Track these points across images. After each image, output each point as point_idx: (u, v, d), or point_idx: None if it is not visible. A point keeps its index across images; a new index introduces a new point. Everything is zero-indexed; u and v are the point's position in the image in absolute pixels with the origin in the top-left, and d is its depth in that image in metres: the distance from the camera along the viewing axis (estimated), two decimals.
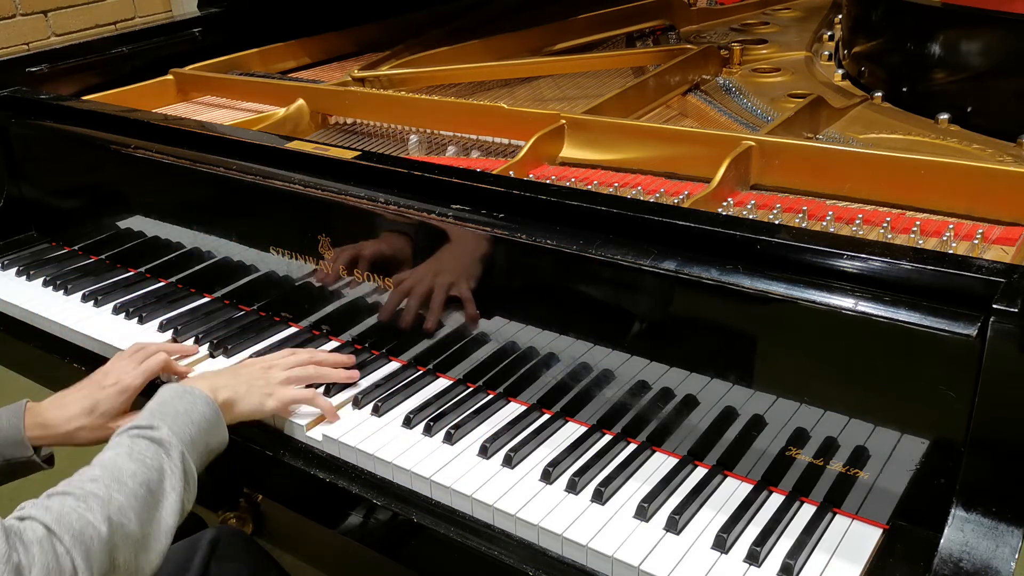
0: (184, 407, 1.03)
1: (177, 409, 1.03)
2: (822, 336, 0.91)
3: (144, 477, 0.93)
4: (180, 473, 0.96)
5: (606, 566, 0.93)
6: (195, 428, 1.02)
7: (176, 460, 0.97)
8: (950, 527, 0.84)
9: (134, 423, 1.00)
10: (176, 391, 1.06)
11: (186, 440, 1.00)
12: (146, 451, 0.96)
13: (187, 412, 1.03)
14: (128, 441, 0.97)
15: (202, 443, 1.03)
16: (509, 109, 1.44)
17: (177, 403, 1.04)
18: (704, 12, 2.15)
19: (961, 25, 1.38)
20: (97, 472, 0.92)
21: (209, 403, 1.06)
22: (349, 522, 1.10)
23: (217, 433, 1.06)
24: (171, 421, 1.00)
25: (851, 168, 1.18)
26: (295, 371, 1.18)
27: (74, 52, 1.81)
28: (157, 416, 1.01)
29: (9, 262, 1.64)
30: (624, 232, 1.03)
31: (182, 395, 1.05)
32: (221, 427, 1.07)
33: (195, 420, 1.03)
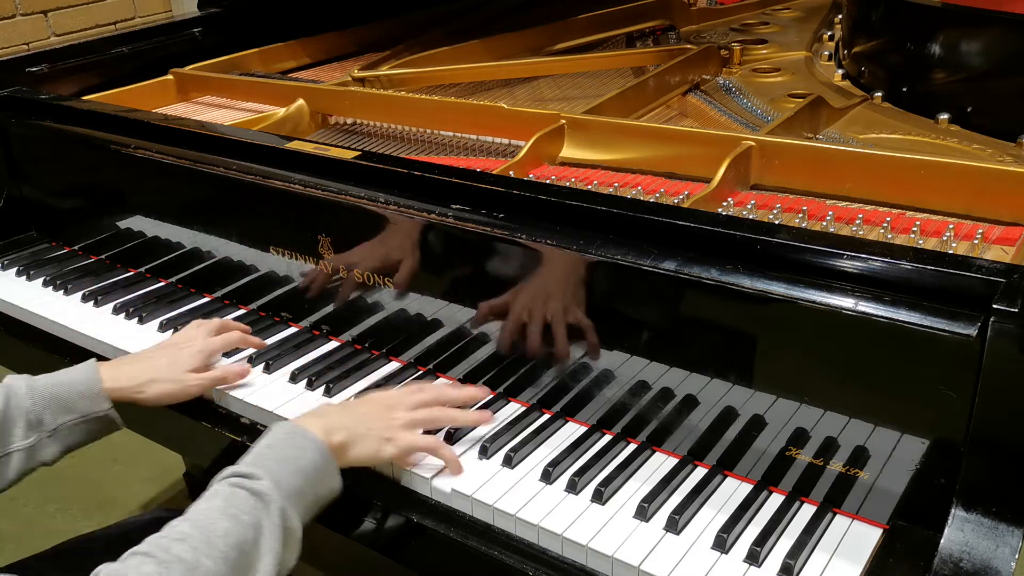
0: (292, 453, 0.95)
1: (285, 455, 0.94)
2: (822, 336, 0.91)
3: (238, 537, 0.84)
4: (279, 532, 0.88)
5: (606, 566, 0.93)
6: (302, 478, 0.93)
7: (275, 516, 0.88)
8: (950, 527, 0.84)
9: (235, 469, 0.91)
10: (287, 433, 0.97)
11: (291, 493, 0.91)
12: (243, 505, 0.87)
13: (295, 459, 0.94)
14: (226, 491, 0.89)
15: (310, 494, 0.94)
16: (509, 109, 1.44)
17: (285, 447, 0.95)
18: (704, 12, 2.15)
19: (961, 25, 1.38)
20: (187, 529, 0.84)
21: (321, 449, 0.96)
22: (348, 522, 1.10)
23: (328, 482, 0.97)
24: (275, 469, 0.91)
25: (851, 168, 1.18)
26: (420, 414, 1.07)
27: (74, 52, 1.81)
28: (261, 462, 0.92)
29: (9, 262, 1.64)
30: (624, 232, 1.03)
31: (291, 437, 0.96)
32: (333, 475, 0.98)
33: (303, 468, 0.94)
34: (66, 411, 1.09)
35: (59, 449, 1.10)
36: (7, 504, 2.32)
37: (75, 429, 1.10)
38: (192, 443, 1.32)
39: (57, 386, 1.10)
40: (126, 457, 2.48)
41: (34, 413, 1.07)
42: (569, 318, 1.08)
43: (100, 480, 2.43)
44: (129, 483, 2.41)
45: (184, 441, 1.37)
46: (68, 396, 1.09)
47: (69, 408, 1.09)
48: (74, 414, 1.10)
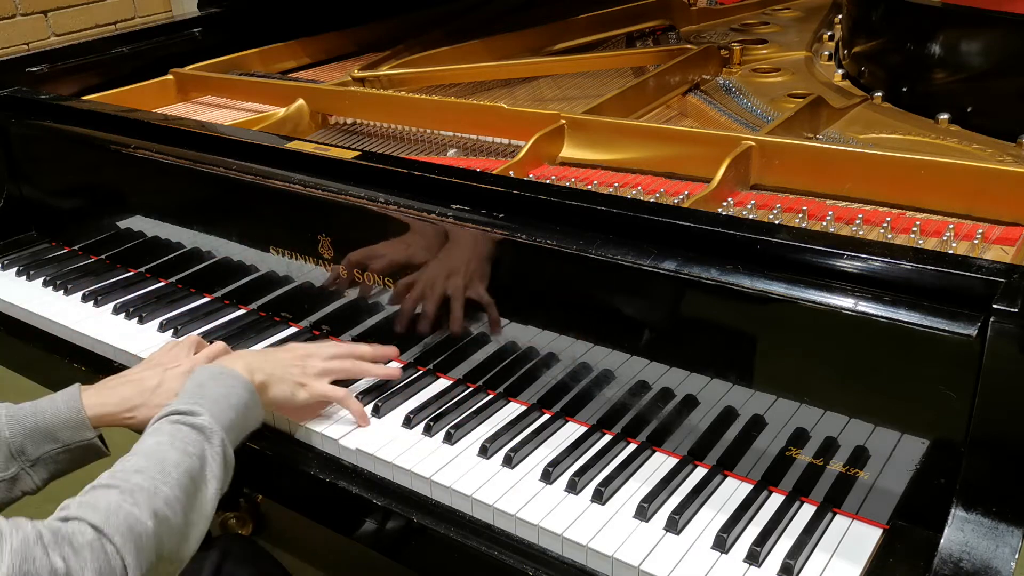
0: (223, 390, 1.02)
1: (216, 392, 1.01)
2: (822, 336, 0.91)
3: (187, 466, 0.92)
4: (220, 460, 0.96)
5: (606, 566, 0.93)
6: (234, 413, 1.01)
7: (217, 447, 0.96)
8: (950, 527, 0.84)
9: (174, 407, 0.98)
10: (213, 372, 1.05)
11: (226, 425, 0.99)
12: (188, 438, 0.94)
13: (226, 396, 1.02)
14: (169, 428, 0.95)
15: (239, 427, 1.02)
16: (509, 109, 1.44)
17: (216, 386, 1.02)
18: (704, 12, 2.15)
19: (961, 25, 1.38)
20: (142, 462, 0.90)
21: (247, 386, 1.05)
22: (348, 522, 1.10)
23: (253, 415, 1.05)
24: (211, 405, 0.99)
25: (851, 168, 1.18)
26: (333, 363, 1.16)
27: (74, 52, 1.81)
28: (197, 400, 0.99)
29: (9, 262, 1.64)
30: (624, 232, 1.03)
31: (219, 377, 1.04)
32: (257, 409, 1.06)
33: (234, 404, 1.02)
34: (49, 440, 1.06)
35: (43, 478, 1.07)
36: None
37: (59, 458, 1.07)
38: None
39: (38, 415, 1.06)
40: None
41: (15, 443, 1.05)
42: (568, 317, 1.08)
43: None
44: None
45: None
46: (50, 425, 1.06)
47: (52, 437, 1.06)
48: (57, 443, 1.06)
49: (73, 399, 1.08)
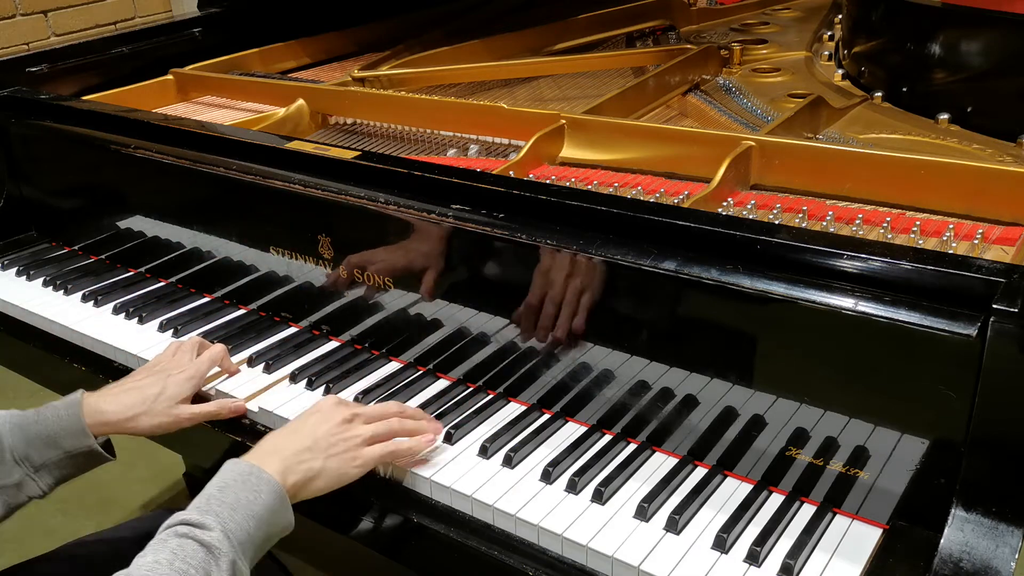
0: (246, 497, 0.91)
1: (237, 500, 0.90)
2: (822, 336, 0.91)
3: None
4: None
5: (606, 566, 0.93)
6: (255, 523, 0.90)
7: (225, 569, 0.85)
8: (950, 527, 0.84)
9: (186, 516, 0.88)
10: (242, 474, 0.93)
11: (242, 539, 0.88)
12: (192, 558, 0.84)
13: (249, 504, 0.90)
14: (175, 543, 0.85)
15: (261, 536, 0.91)
16: (509, 109, 1.44)
17: (239, 490, 0.91)
18: (704, 12, 2.15)
19: (961, 25, 1.38)
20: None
21: (276, 491, 0.93)
22: (348, 522, 1.10)
23: (280, 521, 0.94)
24: (227, 516, 0.88)
25: (851, 168, 1.18)
26: (379, 427, 1.05)
27: (74, 52, 1.81)
28: (214, 509, 0.89)
29: (9, 262, 1.64)
30: (624, 232, 1.03)
31: (246, 479, 0.92)
32: (286, 514, 0.95)
33: (256, 513, 0.90)
34: (51, 448, 1.07)
35: (48, 484, 1.08)
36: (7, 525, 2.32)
37: (63, 464, 1.08)
38: (192, 443, 1.32)
39: (40, 423, 1.07)
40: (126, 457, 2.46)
41: (18, 450, 1.05)
42: (568, 317, 1.08)
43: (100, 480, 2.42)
44: (129, 483, 2.41)
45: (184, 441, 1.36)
46: (52, 433, 1.07)
47: (54, 445, 1.07)
48: (59, 450, 1.07)
49: (74, 407, 1.09)
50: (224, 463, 0.95)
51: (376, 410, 1.08)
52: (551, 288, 1.08)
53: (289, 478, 0.96)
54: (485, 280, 1.14)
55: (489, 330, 1.16)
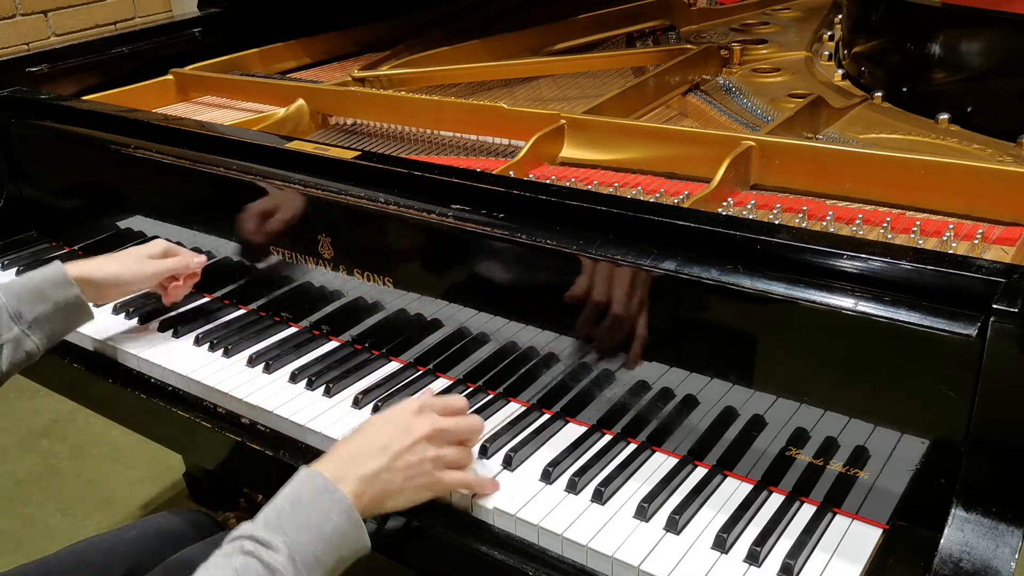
0: (317, 517, 0.88)
1: (308, 520, 0.88)
2: (822, 336, 0.91)
3: None
4: None
5: (606, 566, 0.93)
6: (323, 545, 0.87)
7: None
8: (950, 527, 0.84)
9: (253, 531, 0.86)
10: (315, 490, 0.90)
11: (308, 562, 0.85)
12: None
13: (319, 525, 0.88)
14: (239, 562, 0.84)
15: (331, 559, 0.88)
16: (509, 109, 1.44)
17: (310, 509, 0.88)
18: (704, 12, 2.15)
19: (961, 25, 1.38)
20: None
21: (348, 514, 0.90)
22: None
23: (353, 544, 0.90)
24: (295, 536, 0.86)
25: (851, 168, 1.18)
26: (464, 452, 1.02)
27: (74, 52, 1.81)
28: (281, 526, 0.86)
29: (9, 262, 1.64)
30: (624, 232, 1.03)
31: (319, 497, 0.90)
32: (360, 537, 0.91)
33: (326, 535, 0.87)
34: (40, 301, 1.21)
35: (40, 340, 1.21)
36: (7, 504, 2.32)
37: (51, 317, 1.22)
38: (192, 443, 1.32)
39: (28, 280, 1.22)
40: (126, 457, 2.48)
41: (12, 307, 1.18)
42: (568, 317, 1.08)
43: (100, 480, 2.43)
44: (129, 483, 2.41)
45: (184, 441, 1.37)
46: (40, 287, 1.21)
47: (43, 298, 1.21)
48: (47, 303, 1.21)
49: (55, 265, 1.25)
50: (300, 469, 0.93)
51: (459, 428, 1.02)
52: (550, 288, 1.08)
53: (364, 498, 0.92)
54: (485, 280, 1.14)
55: (489, 330, 1.16)
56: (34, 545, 1.20)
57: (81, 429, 2.61)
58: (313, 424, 1.15)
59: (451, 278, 1.18)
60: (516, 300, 1.13)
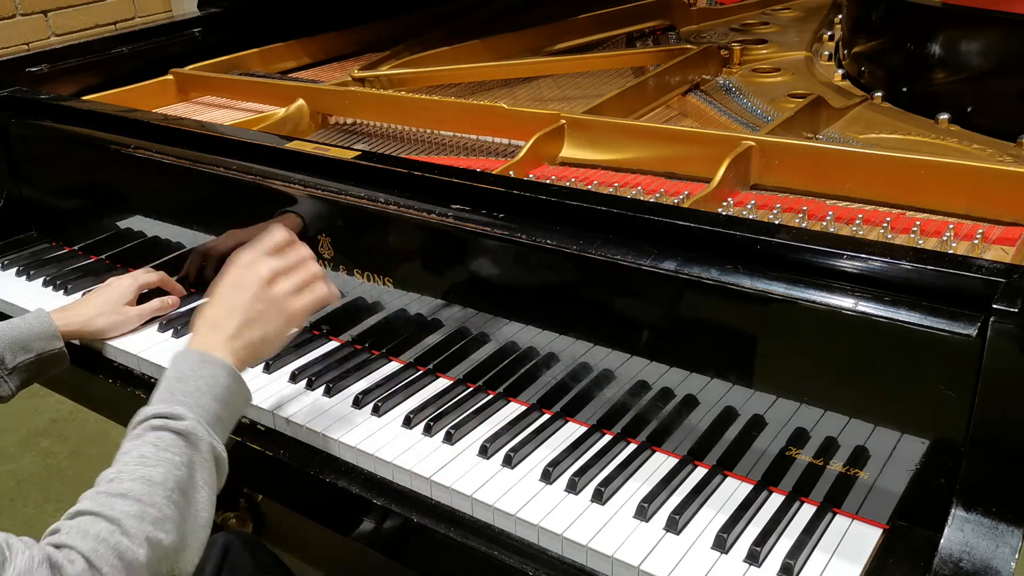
0: (205, 383, 0.97)
1: (198, 387, 0.96)
2: (822, 336, 0.91)
3: (175, 480, 0.88)
4: (211, 464, 0.92)
5: (606, 566, 0.93)
6: (220, 404, 0.96)
7: (205, 451, 0.92)
8: (950, 527, 0.84)
9: (156, 410, 0.93)
10: (194, 363, 0.98)
11: (212, 421, 0.94)
12: (173, 447, 0.90)
13: (210, 389, 0.96)
14: (153, 437, 0.90)
15: (227, 418, 0.98)
16: (509, 109, 1.44)
17: (196, 378, 0.97)
18: (704, 12, 2.15)
19: (961, 25, 1.38)
20: (126, 485, 0.86)
21: (231, 372, 0.99)
22: (348, 522, 1.10)
23: (240, 399, 1.01)
24: (194, 404, 0.94)
25: (851, 168, 1.18)
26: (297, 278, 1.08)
27: (74, 52, 1.81)
28: (178, 399, 0.94)
29: (9, 262, 1.64)
30: (624, 232, 1.03)
31: (201, 366, 0.98)
32: (244, 390, 1.02)
33: (218, 395, 0.97)
34: (24, 351, 1.23)
35: (16, 385, 1.23)
36: (7, 504, 2.32)
37: (31, 367, 1.24)
38: None
39: (14, 330, 1.24)
40: None
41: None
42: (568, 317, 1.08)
43: None
44: None
45: None
46: (26, 338, 1.24)
47: (26, 348, 1.23)
48: (30, 353, 1.24)
49: (43, 316, 1.28)
50: (172, 357, 1.01)
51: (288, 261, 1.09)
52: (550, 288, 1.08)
53: (238, 354, 1.02)
54: (485, 280, 1.14)
55: (489, 330, 1.16)
56: None
57: (81, 429, 2.61)
58: (313, 424, 1.15)
59: (451, 278, 1.18)
60: (516, 300, 1.13)
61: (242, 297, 1.05)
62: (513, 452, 1.06)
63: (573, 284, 1.07)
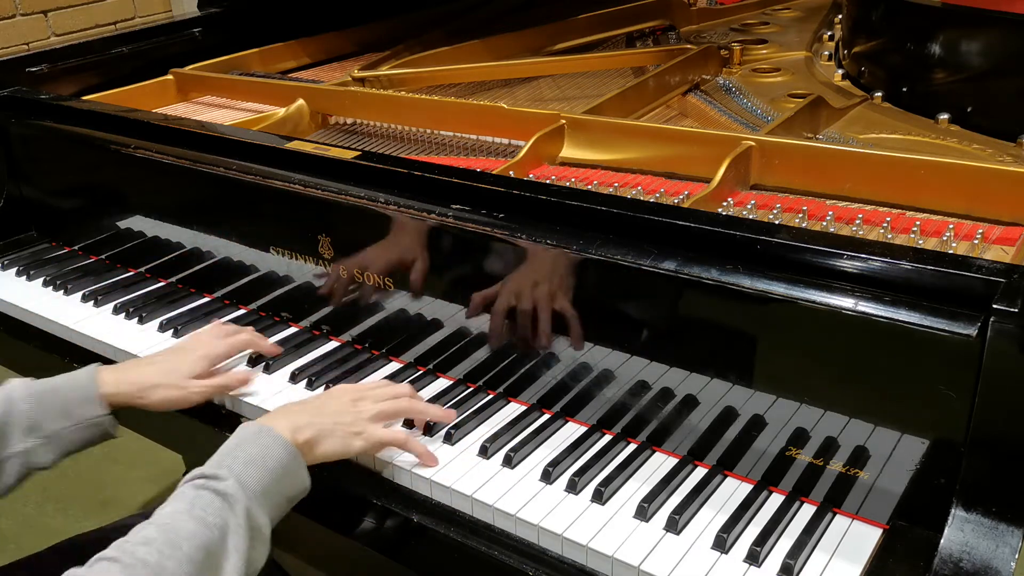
0: (258, 452, 0.94)
1: (250, 454, 0.94)
2: (822, 336, 0.91)
3: (204, 539, 0.85)
4: (245, 531, 0.88)
5: (606, 566, 0.93)
6: (269, 476, 0.93)
7: (240, 516, 0.89)
8: (950, 527, 0.84)
9: (201, 471, 0.92)
10: (252, 433, 0.97)
11: (256, 491, 0.91)
12: (208, 507, 0.88)
13: (261, 459, 0.94)
14: (191, 494, 0.89)
15: (277, 492, 0.94)
16: (509, 109, 1.44)
17: (250, 447, 0.95)
18: (704, 12, 2.15)
19: (961, 25, 1.38)
20: (152, 533, 0.85)
21: (287, 447, 0.96)
22: (348, 522, 1.10)
23: (295, 481, 0.97)
24: (241, 469, 0.92)
25: (851, 168, 1.18)
26: (387, 405, 1.08)
27: (74, 52, 1.81)
28: (227, 463, 0.92)
29: (9, 262, 1.64)
30: (624, 232, 1.03)
31: (257, 437, 0.96)
32: (301, 473, 0.98)
33: (269, 467, 0.94)
34: (64, 417, 1.08)
35: (55, 454, 1.09)
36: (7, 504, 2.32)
37: (72, 434, 1.09)
38: (192, 443, 1.32)
39: (55, 391, 1.09)
40: (126, 457, 2.48)
41: (32, 418, 1.06)
42: (568, 317, 1.08)
43: (100, 480, 2.43)
44: (129, 483, 2.41)
45: (184, 441, 1.37)
46: (66, 402, 1.08)
47: (67, 414, 1.08)
48: (71, 420, 1.08)
49: (89, 377, 1.10)
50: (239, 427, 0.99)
51: (388, 391, 1.11)
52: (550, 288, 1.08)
53: (299, 436, 0.99)
54: (485, 280, 1.14)
55: (489, 329, 1.16)
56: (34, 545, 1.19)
57: None
58: None
59: (451, 278, 1.18)
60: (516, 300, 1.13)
61: (325, 400, 1.08)
62: (513, 452, 1.06)
63: (573, 284, 1.07)
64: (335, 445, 1.03)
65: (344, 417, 1.05)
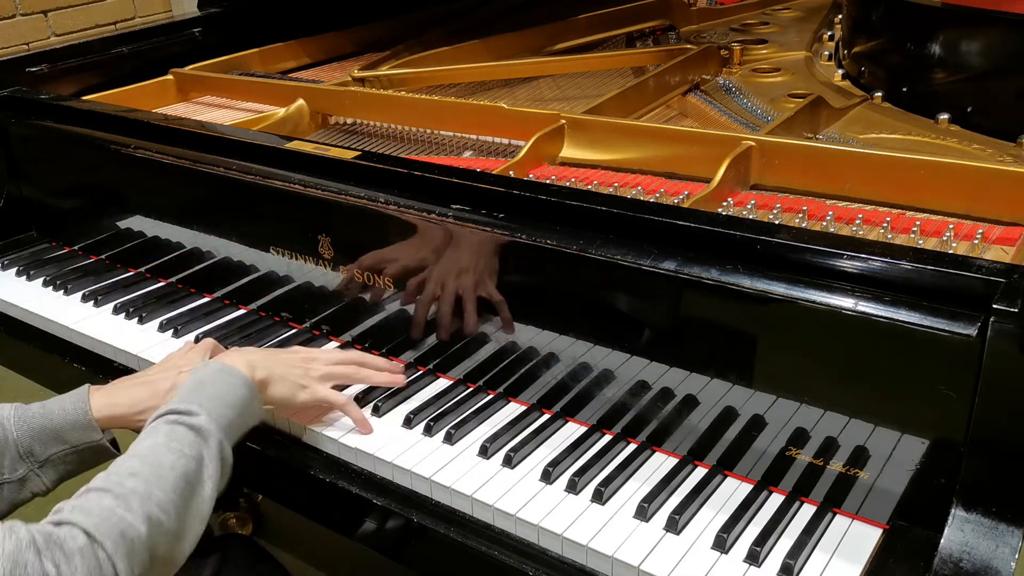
0: (222, 389, 1.02)
1: (215, 390, 1.01)
2: (822, 336, 0.91)
3: (183, 468, 0.91)
4: (217, 462, 0.95)
5: (606, 566, 0.93)
6: (233, 411, 1.00)
7: (214, 448, 0.95)
8: (950, 527, 0.84)
9: (172, 406, 0.98)
10: (213, 370, 1.04)
11: (224, 425, 0.98)
12: (184, 439, 0.93)
13: (225, 394, 1.01)
14: (166, 428, 0.95)
15: (238, 425, 1.02)
16: (509, 109, 1.44)
17: (215, 384, 1.02)
18: (704, 12, 2.15)
19: (961, 25, 1.38)
20: (136, 465, 0.89)
21: (247, 383, 1.04)
22: (348, 523, 1.10)
23: (252, 412, 1.05)
24: (209, 405, 0.98)
25: (851, 168, 1.18)
26: (337, 368, 1.16)
27: (74, 52, 1.81)
28: (195, 399, 0.99)
29: (9, 262, 1.64)
30: (624, 232, 1.03)
31: (219, 374, 1.04)
32: (257, 405, 1.06)
33: (232, 403, 1.01)
34: (56, 442, 1.05)
35: (52, 480, 1.06)
36: None
37: (67, 459, 1.06)
38: None
39: (46, 416, 1.06)
40: None
41: (23, 444, 1.04)
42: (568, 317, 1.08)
43: None
44: None
45: None
46: (58, 427, 1.05)
47: (59, 439, 1.05)
48: (65, 445, 1.05)
49: (81, 400, 1.07)
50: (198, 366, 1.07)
51: (337, 355, 1.19)
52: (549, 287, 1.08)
53: (255, 375, 1.07)
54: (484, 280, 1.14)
55: (489, 330, 1.16)
56: None
57: None
58: (313, 425, 1.15)
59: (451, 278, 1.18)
60: (516, 300, 1.13)
61: (281, 351, 1.18)
62: (513, 452, 1.06)
63: (573, 284, 1.07)
64: (283, 390, 1.10)
65: (294, 370, 1.12)
